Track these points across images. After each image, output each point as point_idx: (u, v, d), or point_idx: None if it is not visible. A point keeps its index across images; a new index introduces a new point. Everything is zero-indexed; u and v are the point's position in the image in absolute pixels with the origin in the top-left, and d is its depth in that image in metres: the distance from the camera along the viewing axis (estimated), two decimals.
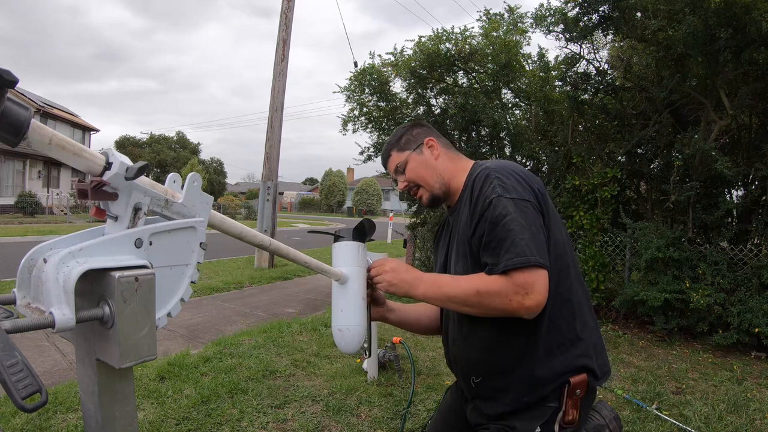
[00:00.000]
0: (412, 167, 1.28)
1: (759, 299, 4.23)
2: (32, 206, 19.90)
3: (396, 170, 1.31)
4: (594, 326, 1.16)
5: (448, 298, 1.09)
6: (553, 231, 1.09)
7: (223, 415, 2.78)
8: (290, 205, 49.67)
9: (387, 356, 3.52)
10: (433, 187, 1.26)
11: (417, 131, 1.31)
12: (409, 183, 1.29)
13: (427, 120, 6.81)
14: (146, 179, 0.70)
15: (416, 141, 1.30)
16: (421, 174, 1.27)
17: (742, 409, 3.14)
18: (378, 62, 7.22)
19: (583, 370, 1.10)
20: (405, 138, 1.31)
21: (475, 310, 1.05)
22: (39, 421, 2.56)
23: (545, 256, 0.99)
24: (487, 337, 1.14)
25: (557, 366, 1.08)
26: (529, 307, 0.98)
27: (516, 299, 0.98)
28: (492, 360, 1.14)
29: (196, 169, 33.20)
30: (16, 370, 0.48)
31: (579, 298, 1.13)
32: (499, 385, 1.14)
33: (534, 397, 1.10)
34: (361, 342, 1.18)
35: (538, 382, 1.09)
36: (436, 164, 1.27)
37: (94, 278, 0.62)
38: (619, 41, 6.01)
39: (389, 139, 1.36)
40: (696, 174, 4.82)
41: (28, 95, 23.70)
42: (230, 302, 6.11)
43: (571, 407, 1.08)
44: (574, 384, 1.07)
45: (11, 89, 0.49)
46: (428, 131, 1.32)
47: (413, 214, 8.14)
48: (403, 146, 1.30)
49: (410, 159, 1.28)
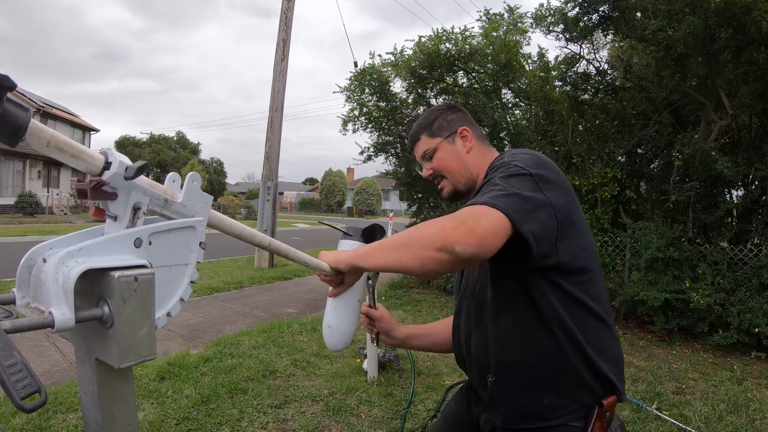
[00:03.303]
0: (440, 156, 1.18)
1: (759, 299, 4.23)
2: (32, 206, 19.91)
3: (423, 156, 1.21)
4: (617, 339, 1.08)
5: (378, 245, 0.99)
6: (573, 234, 0.99)
7: (223, 415, 2.78)
8: (290, 205, 49.69)
9: (387, 356, 3.52)
10: (459, 181, 1.18)
11: (452, 117, 1.21)
12: (435, 172, 1.20)
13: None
14: (146, 179, 0.70)
15: (450, 128, 1.19)
16: (450, 166, 1.18)
17: (742, 409, 3.14)
18: (378, 62, 7.24)
19: (612, 389, 1.01)
20: (438, 123, 1.20)
21: (403, 252, 0.90)
22: (39, 421, 2.56)
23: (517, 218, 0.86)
24: (509, 326, 1.04)
25: (586, 375, 0.99)
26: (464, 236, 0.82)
27: (450, 226, 0.84)
28: (513, 355, 1.04)
29: (196, 169, 33.19)
30: (15, 370, 0.48)
31: (607, 308, 1.07)
32: (517, 384, 1.04)
33: (555, 409, 1.00)
34: (348, 342, 1.17)
35: (561, 390, 1.00)
36: (467, 158, 1.18)
37: (94, 278, 0.62)
38: (619, 41, 6.01)
39: (421, 120, 1.24)
40: (696, 174, 4.82)
41: (28, 95, 23.71)
42: (230, 302, 6.11)
43: (598, 429, 0.99)
44: (607, 406, 0.99)
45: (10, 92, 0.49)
46: (463, 118, 1.22)
47: (413, 214, 8.14)
48: (435, 131, 1.20)
49: (440, 147, 1.18)
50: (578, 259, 0.99)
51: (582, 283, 1.00)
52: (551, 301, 0.98)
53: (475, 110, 6.14)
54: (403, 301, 6.26)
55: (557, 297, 0.99)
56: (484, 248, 0.83)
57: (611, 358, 1.03)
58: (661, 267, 4.67)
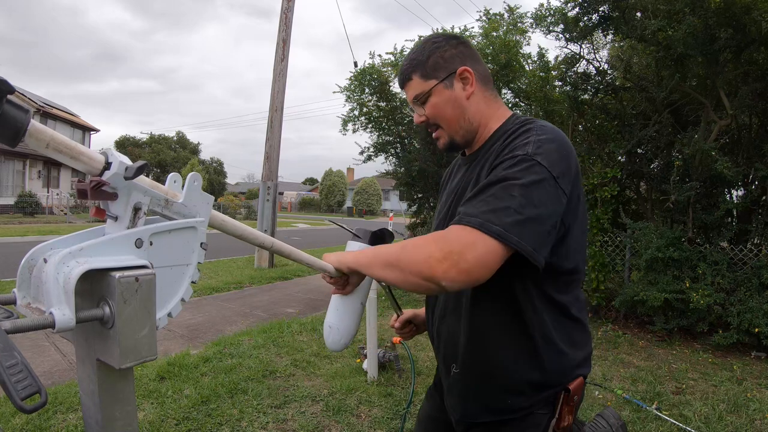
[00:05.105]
0: (435, 102, 1.01)
1: (759, 299, 4.23)
2: (32, 206, 19.90)
3: (414, 99, 1.04)
4: (589, 334, 1.07)
5: (373, 256, 0.93)
6: (574, 234, 0.94)
7: (223, 415, 2.78)
8: (290, 205, 49.67)
9: (387, 356, 3.52)
10: (457, 132, 1.03)
11: (450, 53, 1.01)
12: (428, 120, 1.04)
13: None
14: (146, 179, 0.70)
15: (447, 67, 1.00)
16: (446, 113, 1.01)
17: (742, 409, 3.14)
18: (378, 62, 7.24)
19: (578, 376, 1.00)
20: (433, 60, 1.01)
21: (393, 273, 0.87)
22: (39, 421, 2.56)
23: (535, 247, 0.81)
24: (484, 321, 0.98)
25: (553, 374, 0.96)
26: (447, 272, 0.78)
27: (436, 256, 0.79)
28: (482, 351, 0.98)
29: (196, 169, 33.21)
30: (15, 370, 0.48)
31: (583, 305, 1.04)
32: (481, 381, 1.01)
33: (519, 402, 0.97)
34: (348, 343, 1.17)
35: (529, 386, 0.96)
36: (467, 105, 1.01)
37: (94, 278, 0.62)
38: (619, 41, 6.01)
39: (413, 54, 1.04)
40: (696, 174, 4.82)
41: (28, 95, 23.72)
42: (230, 302, 6.11)
43: (567, 413, 0.96)
44: (573, 390, 0.96)
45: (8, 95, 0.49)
46: (464, 54, 1.02)
47: (413, 214, 8.14)
48: (429, 72, 1.01)
49: (435, 92, 1.00)
50: (571, 260, 0.96)
51: (567, 284, 0.98)
52: (534, 303, 0.95)
53: None
54: (403, 301, 6.25)
55: (540, 298, 0.95)
56: (473, 281, 0.80)
57: (582, 356, 1.02)
58: (661, 267, 4.67)
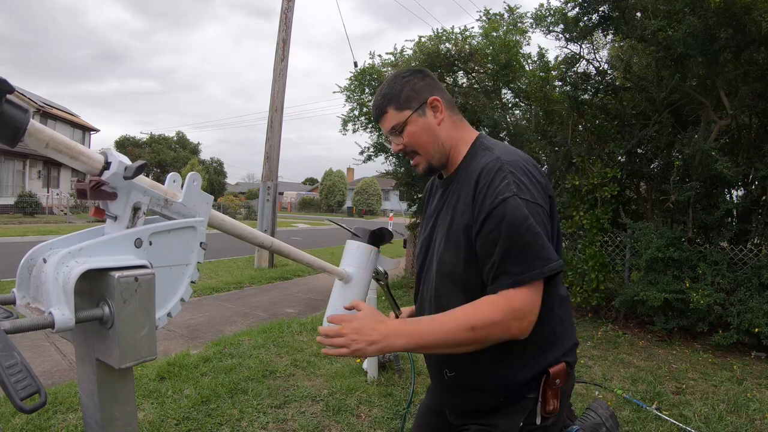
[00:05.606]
0: (411, 131, 1.09)
1: (759, 299, 4.23)
2: (32, 206, 19.90)
3: (392, 130, 1.12)
4: (574, 327, 1.14)
5: (436, 346, 0.97)
6: (553, 234, 1.04)
7: (223, 415, 2.77)
8: (290, 205, 49.66)
9: (387, 356, 3.52)
10: (433, 156, 1.11)
11: (419, 85, 1.11)
12: (406, 147, 1.12)
13: None
14: (146, 179, 0.70)
15: (419, 98, 1.10)
16: (422, 140, 1.10)
17: (742, 409, 3.14)
18: (378, 62, 7.23)
19: (561, 362, 1.06)
20: (406, 93, 1.10)
21: (470, 347, 0.96)
22: (39, 421, 2.56)
23: (557, 258, 0.96)
24: None
25: (537, 367, 1.03)
26: (525, 330, 0.94)
27: (515, 325, 0.93)
28: (475, 357, 1.02)
29: (196, 169, 33.16)
30: (15, 371, 0.48)
31: (565, 299, 1.11)
32: (475, 384, 1.07)
33: (510, 397, 1.04)
34: None
35: (518, 382, 1.03)
36: (439, 131, 1.10)
37: (94, 278, 0.62)
38: (619, 41, 6.01)
39: (385, 89, 1.13)
40: (696, 174, 4.82)
41: (28, 95, 23.71)
42: (230, 302, 6.11)
43: (551, 397, 1.02)
44: (554, 374, 1.02)
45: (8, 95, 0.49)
46: (432, 85, 1.12)
47: (413, 214, 8.14)
48: (403, 103, 1.10)
49: (410, 121, 1.09)
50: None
51: (548, 282, 1.00)
52: None
53: (475, 110, 6.14)
54: (403, 302, 6.26)
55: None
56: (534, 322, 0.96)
57: (567, 347, 1.09)
58: (661, 267, 4.67)
